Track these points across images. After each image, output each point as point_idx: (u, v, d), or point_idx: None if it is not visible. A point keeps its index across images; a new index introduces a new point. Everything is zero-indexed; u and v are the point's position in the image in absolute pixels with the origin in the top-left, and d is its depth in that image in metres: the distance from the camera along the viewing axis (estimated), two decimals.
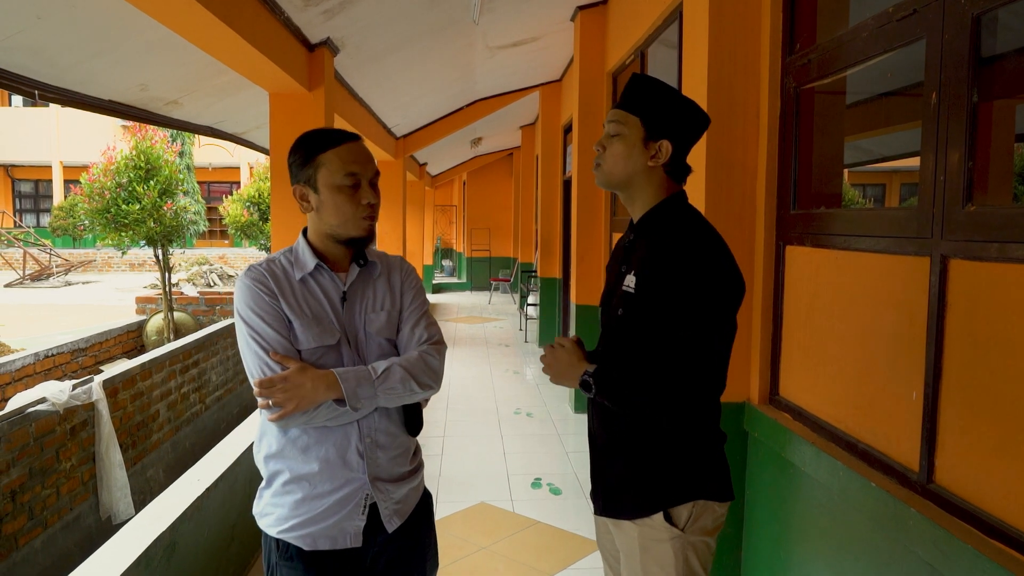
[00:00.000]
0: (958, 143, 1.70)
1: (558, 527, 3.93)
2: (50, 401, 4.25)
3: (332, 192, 1.62)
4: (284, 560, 1.66)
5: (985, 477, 1.65)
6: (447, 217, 23.23)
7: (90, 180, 8.11)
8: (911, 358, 1.89)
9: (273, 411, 1.55)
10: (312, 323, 1.63)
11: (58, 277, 20.58)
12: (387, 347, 1.72)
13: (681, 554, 1.65)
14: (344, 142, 1.64)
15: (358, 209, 1.63)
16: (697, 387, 1.56)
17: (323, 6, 3.88)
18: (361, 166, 1.63)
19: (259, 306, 1.60)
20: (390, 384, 1.61)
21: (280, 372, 1.56)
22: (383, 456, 1.69)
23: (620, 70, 5.47)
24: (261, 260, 1.70)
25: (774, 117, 2.70)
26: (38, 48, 3.31)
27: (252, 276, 1.64)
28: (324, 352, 1.63)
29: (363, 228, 1.66)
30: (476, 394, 7.13)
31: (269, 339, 1.58)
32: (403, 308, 1.77)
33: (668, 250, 1.60)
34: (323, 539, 1.64)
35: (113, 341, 8.07)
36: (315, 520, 1.63)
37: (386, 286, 1.76)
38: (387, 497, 1.70)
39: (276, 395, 1.53)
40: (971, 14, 1.66)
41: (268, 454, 1.67)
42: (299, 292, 1.65)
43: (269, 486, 1.69)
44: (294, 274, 1.67)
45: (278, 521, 1.66)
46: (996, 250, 1.60)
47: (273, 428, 1.64)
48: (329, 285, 1.69)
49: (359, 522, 1.66)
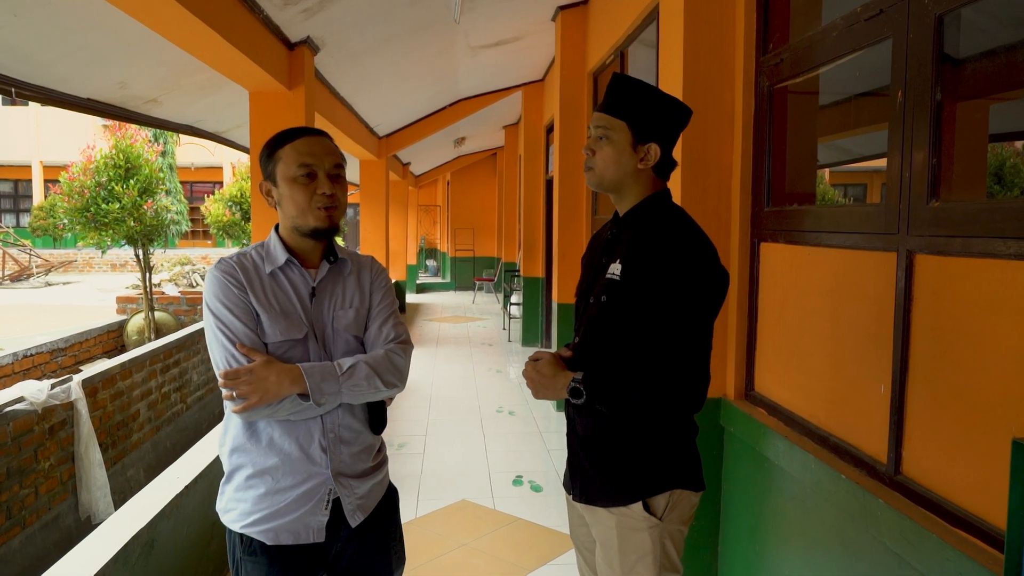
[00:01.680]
0: (923, 141, 1.73)
1: (538, 524, 3.95)
2: (28, 400, 4.22)
3: (288, 184, 1.65)
4: (248, 555, 1.66)
5: (949, 468, 1.69)
6: (431, 217, 23.21)
7: (69, 179, 8.04)
8: (879, 352, 1.93)
9: (237, 403, 1.55)
10: (279, 317, 1.64)
11: (38, 278, 20.37)
12: (354, 344, 1.73)
13: (659, 542, 1.69)
14: (301, 136, 1.67)
15: (313, 199, 1.64)
16: (687, 380, 1.59)
17: (302, 5, 3.88)
18: (316, 158, 1.65)
19: (228, 298, 1.61)
20: (355, 381, 1.62)
21: (246, 364, 1.57)
22: (346, 451, 1.70)
23: (601, 70, 5.50)
24: (232, 253, 1.71)
25: (748, 115, 2.74)
26: (14, 45, 3.28)
27: (222, 268, 1.65)
28: (291, 346, 1.64)
29: (320, 218, 1.66)
30: (459, 393, 7.14)
31: (236, 331, 1.59)
32: (372, 306, 1.78)
33: (658, 241, 1.64)
34: (285, 533, 1.65)
35: (93, 341, 8.01)
36: (278, 515, 1.64)
37: (356, 284, 1.77)
38: (350, 492, 1.70)
39: (241, 387, 1.54)
40: (934, 14, 1.69)
41: (231, 447, 1.67)
42: (268, 286, 1.67)
43: (230, 481, 1.70)
44: (264, 268, 1.68)
45: (241, 516, 1.66)
46: (959, 245, 1.64)
47: (237, 422, 1.65)
48: (299, 280, 1.70)
49: (322, 517, 1.67)
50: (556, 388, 1.71)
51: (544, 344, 9.31)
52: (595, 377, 1.66)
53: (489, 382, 7.65)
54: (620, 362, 1.68)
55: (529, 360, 1.80)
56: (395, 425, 5.98)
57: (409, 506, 4.20)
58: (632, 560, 1.69)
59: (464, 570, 3.45)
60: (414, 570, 3.41)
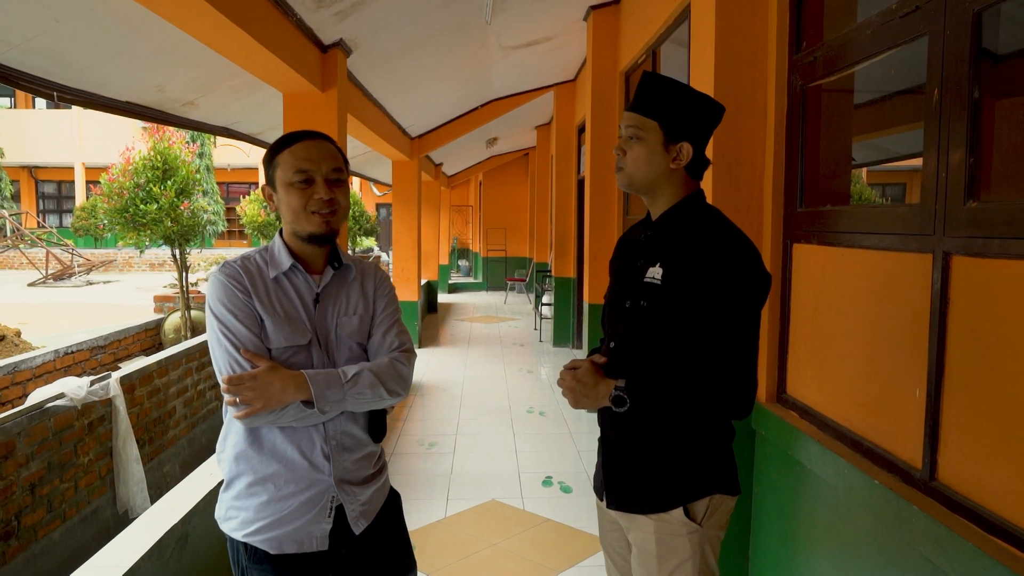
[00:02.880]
0: (960, 140, 1.69)
1: (568, 525, 3.94)
2: (68, 396, 4.32)
3: (285, 189, 1.64)
4: (254, 563, 1.64)
5: (986, 475, 1.65)
6: (463, 217, 23.28)
7: (109, 180, 8.21)
8: (914, 355, 1.89)
9: (240, 408, 1.54)
10: (284, 322, 1.63)
11: (80, 276, 20.85)
12: (357, 351, 1.73)
13: (699, 548, 1.67)
14: (299, 141, 1.66)
15: (308, 204, 1.63)
16: (736, 385, 1.57)
17: (336, 7, 3.92)
18: (313, 163, 1.63)
19: (232, 303, 1.60)
20: (359, 388, 1.61)
21: (250, 370, 1.55)
22: (348, 458, 1.69)
23: (632, 70, 5.47)
24: (236, 257, 1.71)
25: (781, 115, 2.70)
26: (56, 50, 3.36)
27: (226, 272, 1.64)
28: (294, 352, 1.63)
29: (316, 224, 1.64)
30: (490, 393, 7.16)
31: (240, 336, 1.58)
32: (375, 314, 1.77)
33: (701, 244, 1.62)
34: (289, 542, 1.63)
35: (132, 339, 8.17)
36: (281, 523, 1.63)
37: (360, 291, 1.76)
38: (353, 499, 1.70)
39: (244, 393, 1.53)
40: (972, 10, 1.65)
41: (233, 454, 1.66)
42: (272, 291, 1.66)
43: (230, 488, 1.68)
44: (268, 272, 1.67)
45: (243, 524, 1.64)
46: (997, 246, 1.60)
47: (238, 428, 1.64)
48: (303, 286, 1.69)
49: (325, 525, 1.66)
50: (597, 397, 1.68)
51: (575, 344, 9.28)
52: (638, 384, 1.63)
53: (520, 382, 7.65)
54: (664, 368, 1.65)
55: (565, 369, 1.75)
56: (425, 424, 6.01)
57: (438, 505, 4.22)
58: (671, 566, 1.67)
59: (493, 570, 3.45)
60: (442, 569, 3.43)
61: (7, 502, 3.69)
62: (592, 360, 1.77)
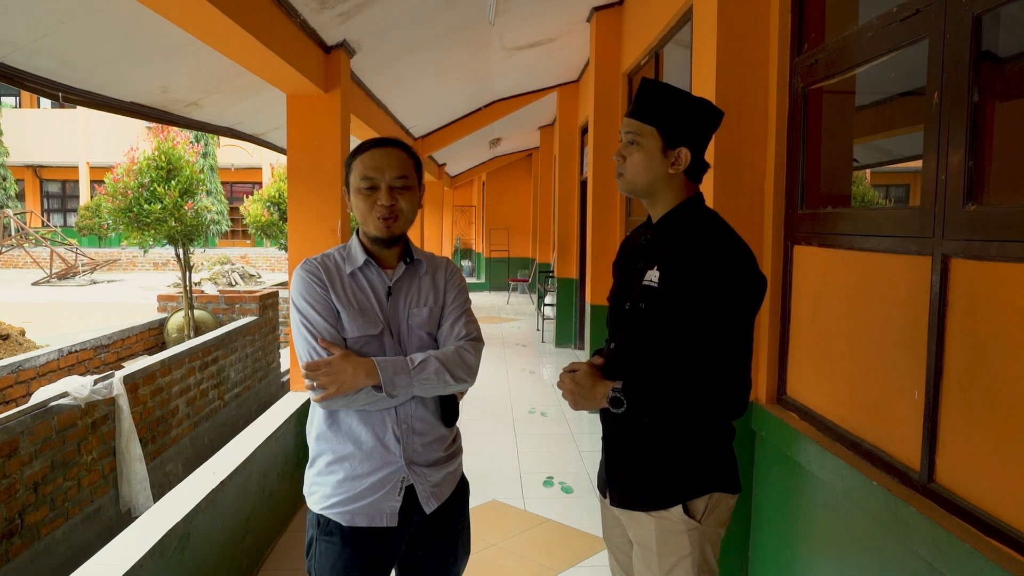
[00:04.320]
0: (959, 143, 1.70)
1: (569, 525, 3.95)
2: (72, 395, 4.34)
3: (355, 195, 1.79)
4: (324, 535, 1.79)
5: (984, 477, 1.65)
6: (466, 217, 23.28)
7: (113, 180, 8.23)
8: (913, 357, 1.90)
9: (317, 392, 1.69)
10: (358, 314, 1.77)
11: (84, 276, 20.91)
12: (427, 340, 1.84)
13: (698, 545, 1.69)
14: (369, 149, 1.79)
15: (372, 210, 1.76)
16: (730, 386, 1.60)
17: (339, 8, 3.93)
18: (379, 171, 1.76)
19: (311, 296, 1.75)
20: (425, 375, 1.72)
21: (326, 357, 1.70)
22: (418, 441, 1.80)
23: (635, 71, 5.48)
24: (317, 255, 1.87)
25: (782, 117, 2.71)
26: (61, 51, 3.38)
27: (307, 268, 1.80)
28: (368, 341, 1.76)
29: (378, 228, 1.77)
30: (491, 393, 7.17)
31: (318, 326, 1.73)
32: (445, 305, 1.88)
33: (696, 247, 1.64)
34: (361, 516, 1.76)
35: (135, 338, 8.19)
36: (354, 499, 1.76)
37: (431, 284, 1.88)
38: (424, 480, 1.81)
39: (320, 378, 1.68)
40: (972, 14, 1.66)
41: (316, 435, 1.82)
42: (348, 285, 1.80)
43: (313, 465, 1.83)
44: (345, 268, 1.82)
45: (322, 499, 1.79)
46: (996, 249, 1.60)
47: (320, 411, 1.79)
48: (376, 280, 1.83)
49: (395, 503, 1.78)
50: (595, 399, 1.73)
51: (577, 345, 9.29)
52: (635, 386, 1.67)
53: (522, 383, 7.66)
54: (661, 370, 1.68)
55: (565, 371, 1.80)
56: None
57: None
58: (671, 563, 1.70)
59: (494, 570, 3.46)
60: None
61: (10, 500, 3.70)
62: (591, 362, 1.82)
